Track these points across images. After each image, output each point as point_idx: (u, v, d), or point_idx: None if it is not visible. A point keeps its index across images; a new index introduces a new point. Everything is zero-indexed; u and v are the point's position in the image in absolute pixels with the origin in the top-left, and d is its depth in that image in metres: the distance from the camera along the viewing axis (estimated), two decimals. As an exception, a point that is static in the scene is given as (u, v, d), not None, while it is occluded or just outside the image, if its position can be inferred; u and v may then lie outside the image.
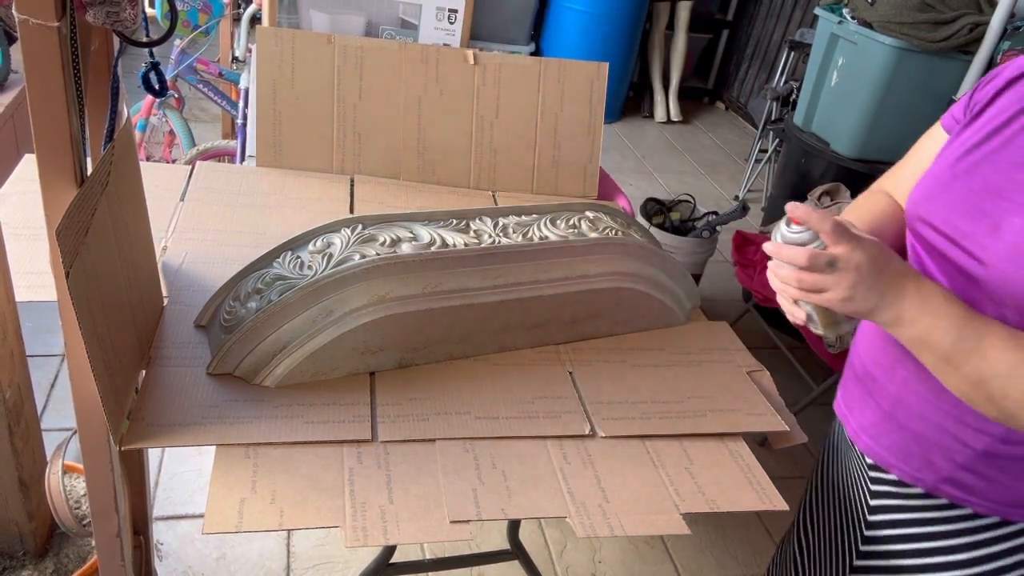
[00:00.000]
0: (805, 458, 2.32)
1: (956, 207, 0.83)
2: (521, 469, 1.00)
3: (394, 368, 1.12)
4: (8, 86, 2.15)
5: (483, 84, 1.66)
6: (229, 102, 2.95)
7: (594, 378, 1.19)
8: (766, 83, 4.86)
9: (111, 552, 1.03)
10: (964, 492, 0.91)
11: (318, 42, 1.58)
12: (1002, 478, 0.88)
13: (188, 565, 1.70)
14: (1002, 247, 0.78)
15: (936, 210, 0.85)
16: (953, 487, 0.92)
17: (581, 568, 1.86)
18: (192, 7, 2.64)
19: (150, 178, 1.29)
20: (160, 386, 1.00)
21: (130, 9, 0.80)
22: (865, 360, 1.00)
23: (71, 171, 0.78)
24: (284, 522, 0.87)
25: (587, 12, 4.44)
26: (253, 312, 1.03)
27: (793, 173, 3.15)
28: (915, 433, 0.93)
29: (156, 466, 1.91)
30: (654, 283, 1.28)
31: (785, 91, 3.83)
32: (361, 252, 1.08)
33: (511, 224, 1.22)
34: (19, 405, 1.36)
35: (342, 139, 1.61)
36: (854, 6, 2.82)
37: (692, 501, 1.00)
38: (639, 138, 4.77)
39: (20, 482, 1.40)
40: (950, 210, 0.83)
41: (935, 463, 0.92)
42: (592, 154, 1.75)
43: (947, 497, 0.94)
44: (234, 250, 1.31)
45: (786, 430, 1.16)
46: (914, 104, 2.74)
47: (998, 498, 0.90)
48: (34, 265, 1.18)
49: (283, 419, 0.99)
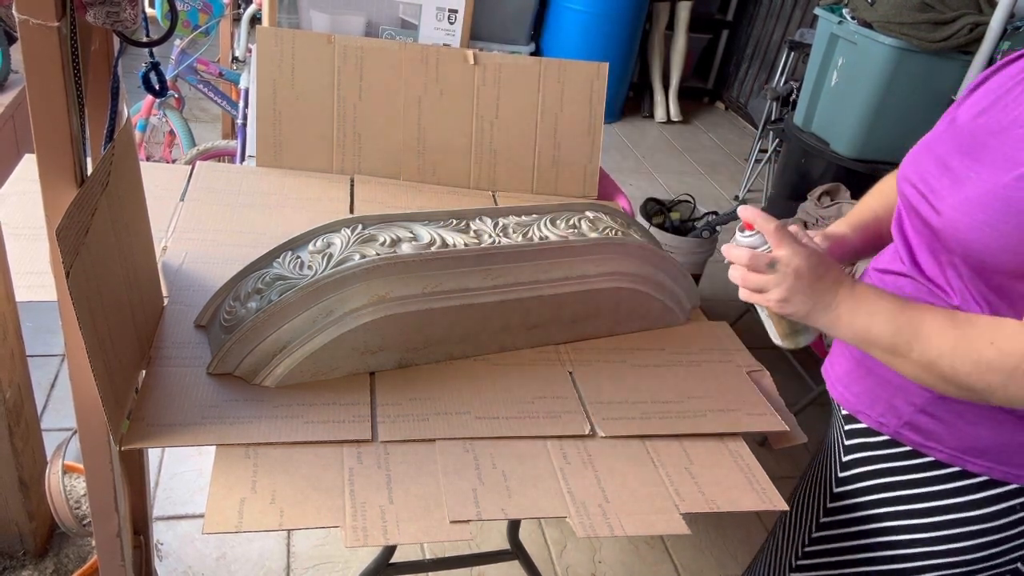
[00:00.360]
0: (805, 458, 2.31)
1: (931, 166, 0.89)
2: (521, 469, 1.00)
3: (394, 368, 1.12)
4: (8, 86, 2.16)
5: (483, 84, 1.66)
6: (229, 102, 2.95)
7: (594, 378, 1.19)
8: (766, 83, 4.86)
9: (111, 552, 1.03)
10: (924, 437, 0.94)
11: (318, 42, 1.58)
12: (958, 423, 0.91)
13: (188, 565, 1.70)
14: (958, 197, 0.83)
15: (916, 170, 0.91)
16: (914, 432, 0.95)
17: (581, 568, 1.86)
18: (192, 7, 2.64)
19: (150, 178, 1.29)
20: (160, 386, 1.00)
21: (130, 9, 0.80)
22: None
23: (71, 171, 0.78)
24: (284, 522, 0.87)
25: (587, 12, 4.44)
26: (253, 312, 1.04)
27: (793, 173, 3.15)
28: (881, 377, 0.96)
29: (156, 466, 1.91)
30: (654, 283, 1.28)
31: (785, 91, 3.83)
32: (361, 252, 1.08)
33: (511, 224, 1.22)
34: (19, 405, 1.36)
35: (342, 139, 1.61)
36: (854, 6, 2.82)
37: (692, 501, 1.00)
38: (639, 138, 4.77)
39: (20, 482, 1.40)
40: (926, 169, 0.90)
41: (898, 407, 0.95)
42: (592, 154, 1.75)
43: (910, 443, 0.96)
44: (234, 250, 1.31)
45: (786, 430, 1.17)
46: (914, 104, 2.74)
47: (956, 444, 0.92)
48: (34, 265, 1.18)
49: (283, 419, 0.99)
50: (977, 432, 0.90)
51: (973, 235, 0.81)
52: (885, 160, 2.82)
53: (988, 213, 0.79)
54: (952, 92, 2.66)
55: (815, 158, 3.01)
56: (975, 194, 0.81)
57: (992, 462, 0.91)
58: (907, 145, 1.05)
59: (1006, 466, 0.91)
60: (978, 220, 0.80)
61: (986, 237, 0.80)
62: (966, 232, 0.82)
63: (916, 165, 0.93)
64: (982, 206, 0.80)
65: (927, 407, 0.93)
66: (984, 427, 0.89)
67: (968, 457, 0.92)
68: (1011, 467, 0.91)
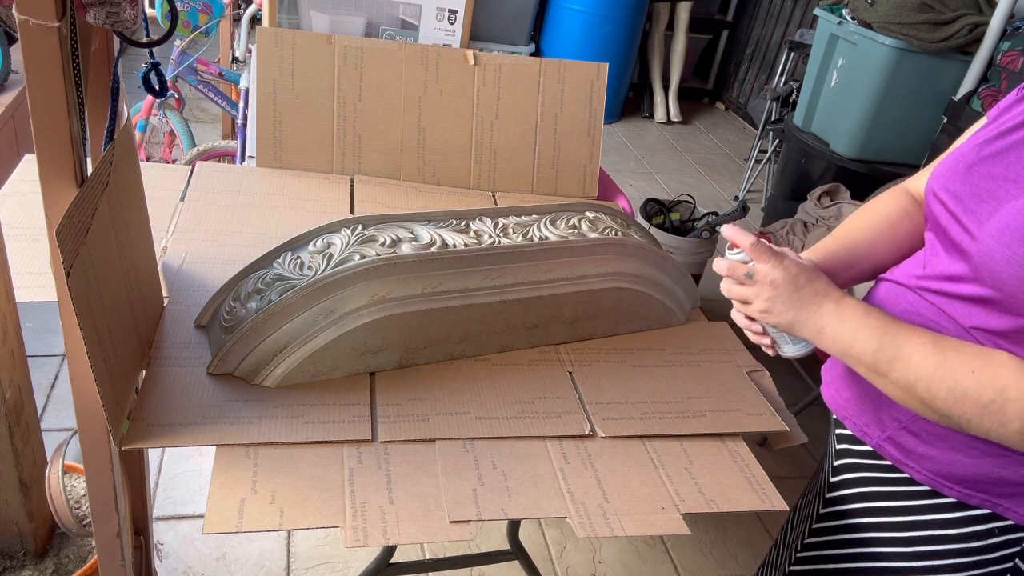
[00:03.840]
0: (805, 458, 2.32)
1: (969, 187, 0.84)
2: (521, 469, 1.00)
3: (394, 368, 1.12)
4: (8, 86, 2.16)
5: (483, 84, 1.67)
6: (229, 102, 2.95)
7: (594, 378, 1.19)
8: (766, 84, 4.86)
9: (111, 552, 1.03)
10: (903, 455, 0.93)
11: (318, 42, 1.58)
12: (939, 446, 0.89)
13: (188, 565, 1.70)
14: (994, 224, 0.79)
15: (950, 187, 0.87)
16: (894, 447, 0.94)
17: (581, 568, 1.86)
18: (192, 7, 2.64)
19: (150, 178, 1.29)
20: (160, 386, 1.00)
21: (130, 9, 0.80)
22: None
23: (71, 171, 0.78)
24: (284, 522, 0.87)
25: (587, 12, 4.44)
26: (253, 312, 1.04)
27: (793, 173, 3.16)
28: (872, 387, 0.94)
29: (156, 466, 1.91)
30: (654, 283, 1.28)
31: (785, 91, 3.83)
32: (361, 252, 1.08)
33: (511, 224, 1.22)
34: (19, 405, 1.36)
35: (342, 139, 1.61)
36: (854, 6, 2.82)
37: (692, 501, 1.00)
38: (639, 138, 4.77)
39: (20, 482, 1.40)
40: (963, 189, 0.85)
41: (883, 419, 0.94)
42: (592, 154, 1.75)
43: (888, 457, 0.96)
44: (234, 250, 1.31)
45: (786, 430, 1.17)
46: (914, 104, 2.74)
47: (933, 468, 0.91)
48: (34, 265, 1.18)
49: (283, 419, 0.99)
50: (957, 459, 0.88)
51: (1010, 269, 0.76)
52: (885, 160, 2.82)
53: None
54: (952, 92, 2.66)
55: (815, 158, 3.01)
56: (1016, 222, 0.76)
57: (970, 489, 0.89)
58: (907, 145, 1.03)
59: (984, 495, 0.88)
60: (1018, 253, 0.75)
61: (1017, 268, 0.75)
62: (1001, 260, 0.77)
63: (948, 180, 0.87)
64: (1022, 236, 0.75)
65: (912, 425, 0.91)
66: (967, 455, 0.87)
67: (945, 481, 0.91)
68: (989, 496, 0.88)
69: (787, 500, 1.03)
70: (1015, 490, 0.86)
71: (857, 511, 1.00)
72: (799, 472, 2.25)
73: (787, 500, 1.03)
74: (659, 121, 5.09)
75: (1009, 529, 0.89)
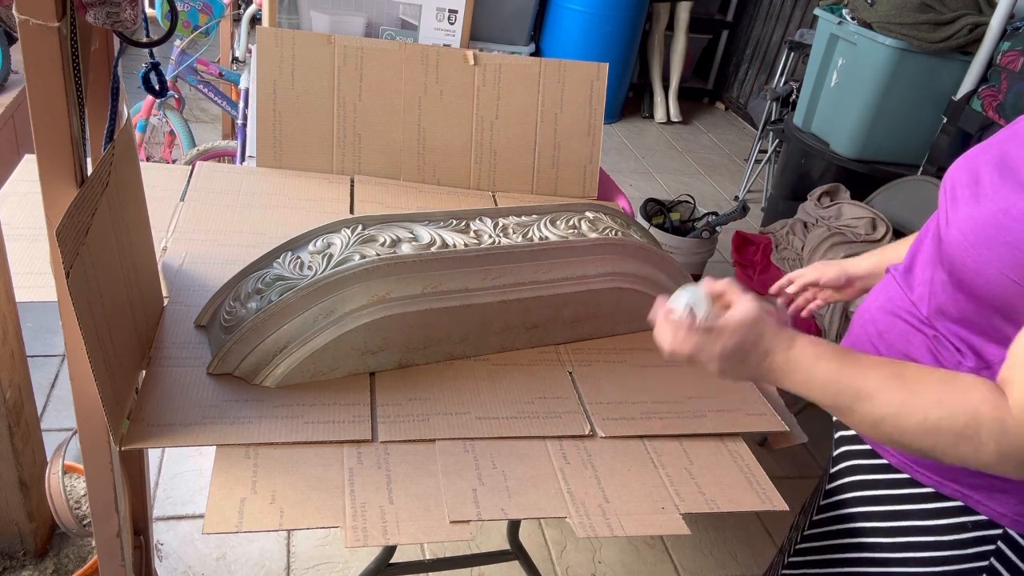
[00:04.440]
0: (805, 458, 2.32)
1: (966, 176, 0.86)
2: (521, 469, 1.00)
3: (394, 368, 1.12)
4: (8, 86, 2.16)
5: (483, 84, 1.67)
6: (229, 102, 2.95)
7: (594, 378, 1.19)
8: (766, 84, 4.86)
9: (111, 552, 1.03)
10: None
11: (318, 42, 1.58)
12: None
13: (188, 565, 1.70)
14: (963, 213, 0.81)
15: (953, 175, 0.89)
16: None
17: (581, 568, 1.86)
18: (192, 7, 2.64)
19: (150, 178, 1.29)
20: (160, 386, 1.00)
21: (130, 9, 0.80)
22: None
23: (71, 171, 0.78)
24: (284, 522, 0.87)
25: (587, 12, 4.44)
26: (253, 312, 1.04)
27: (793, 173, 3.15)
28: None
29: (156, 466, 1.91)
30: (654, 283, 1.28)
31: (785, 92, 3.83)
32: (361, 252, 1.08)
33: (511, 224, 1.22)
34: (19, 405, 1.36)
35: (342, 139, 1.61)
36: (854, 6, 2.82)
37: (692, 501, 1.00)
38: (639, 138, 4.77)
39: (20, 482, 1.40)
40: (962, 177, 0.86)
41: None
42: (592, 154, 1.75)
43: (868, 442, 0.98)
44: (234, 250, 1.31)
45: (786, 430, 1.17)
46: (914, 105, 2.74)
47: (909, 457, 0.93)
48: (34, 265, 1.18)
49: (283, 419, 0.99)
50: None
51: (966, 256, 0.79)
52: (885, 160, 2.82)
53: (980, 237, 0.77)
54: (952, 93, 2.66)
55: (815, 158, 3.01)
56: (979, 213, 0.78)
57: (942, 478, 0.90)
58: (907, 145, 1.04)
59: (956, 485, 0.89)
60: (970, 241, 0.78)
61: (970, 259, 0.78)
62: (959, 249, 0.80)
63: (954, 169, 0.89)
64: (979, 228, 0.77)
65: None
66: None
67: (918, 468, 0.92)
68: (960, 487, 0.89)
69: (787, 500, 1.03)
70: (985, 482, 0.87)
71: (850, 501, 1.01)
72: (799, 472, 2.25)
73: (787, 500, 1.03)
74: (659, 121, 5.08)
75: (982, 525, 0.89)
